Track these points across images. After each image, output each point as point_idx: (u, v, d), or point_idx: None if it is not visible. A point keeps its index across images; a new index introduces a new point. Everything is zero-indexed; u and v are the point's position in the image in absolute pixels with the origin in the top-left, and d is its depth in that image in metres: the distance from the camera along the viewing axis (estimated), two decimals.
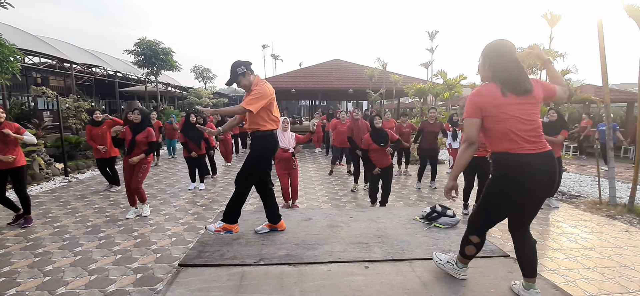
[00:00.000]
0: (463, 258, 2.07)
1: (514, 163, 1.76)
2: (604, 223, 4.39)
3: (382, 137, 4.27)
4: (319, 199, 5.55)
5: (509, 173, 1.79)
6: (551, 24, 8.07)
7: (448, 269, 2.13)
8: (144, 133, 4.28)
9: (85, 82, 16.26)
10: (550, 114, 4.85)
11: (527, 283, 1.93)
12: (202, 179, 6.27)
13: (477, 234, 1.98)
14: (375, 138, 4.26)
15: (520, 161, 1.75)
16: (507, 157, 1.78)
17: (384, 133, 4.30)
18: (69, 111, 9.78)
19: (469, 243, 2.01)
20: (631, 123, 12.11)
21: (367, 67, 15.27)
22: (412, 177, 7.41)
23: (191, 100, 19.78)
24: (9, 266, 3.09)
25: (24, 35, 12.22)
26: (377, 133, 4.29)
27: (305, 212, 3.55)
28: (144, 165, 4.33)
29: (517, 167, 1.75)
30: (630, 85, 20.60)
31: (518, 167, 1.75)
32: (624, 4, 4.81)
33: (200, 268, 2.29)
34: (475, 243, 1.99)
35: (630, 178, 5.94)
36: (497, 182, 1.86)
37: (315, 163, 9.28)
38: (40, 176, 6.69)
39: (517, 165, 1.75)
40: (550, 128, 4.67)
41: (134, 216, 4.46)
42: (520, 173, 1.75)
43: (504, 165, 1.81)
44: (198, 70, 31.58)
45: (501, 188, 1.83)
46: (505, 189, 1.82)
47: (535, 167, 1.74)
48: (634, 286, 2.81)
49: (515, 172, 1.76)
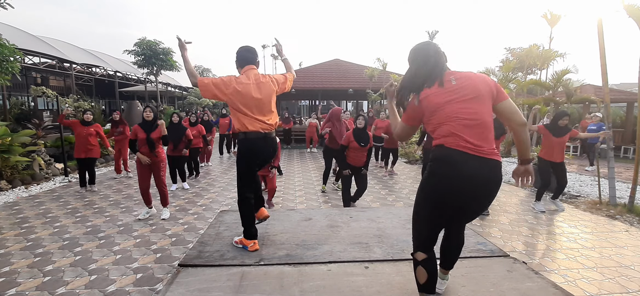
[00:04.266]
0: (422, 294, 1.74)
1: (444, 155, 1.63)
2: (604, 223, 4.39)
3: (364, 137, 4.28)
4: (319, 199, 5.55)
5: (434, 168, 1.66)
6: (551, 23, 8.07)
7: None
8: (158, 131, 4.25)
9: (85, 82, 16.27)
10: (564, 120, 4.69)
11: (442, 273, 1.96)
12: (183, 179, 6.22)
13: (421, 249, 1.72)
14: (357, 138, 4.27)
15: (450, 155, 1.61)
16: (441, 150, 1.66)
17: (366, 134, 4.31)
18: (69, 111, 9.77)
19: (416, 264, 1.72)
20: (631, 123, 12.12)
21: (367, 67, 15.28)
22: (412, 177, 7.41)
23: (191, 100, 19.80)
24: (9, 266, 3.09)
25: (24, 35, 12.23)
26: (359, 132, 4.29)
27: (305, 212, 3.54)
28: (161, 162, 4.30)
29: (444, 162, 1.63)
30: (630, 85, 20.59)
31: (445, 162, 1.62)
32: (624, 4, 4.82)
33: (200, 268, 2.29)
34: (422, 261, 1.70)
35: (630, 178, 5.94)
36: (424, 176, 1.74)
37: (315, 163, 9.28)
38: (40, 176, 6.69)
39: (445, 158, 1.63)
40: (560, 131, 4.63)
41: (146, 216, 4.41)
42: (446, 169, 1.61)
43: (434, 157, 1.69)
44: (198, 70, 31.61)
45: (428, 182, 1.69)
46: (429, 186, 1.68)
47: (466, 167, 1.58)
48: (634, 286, 2.81)
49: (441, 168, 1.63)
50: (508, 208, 5.04)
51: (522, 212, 4.87)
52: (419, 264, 1.72)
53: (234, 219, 3.29)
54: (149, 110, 4.31)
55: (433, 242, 1.74)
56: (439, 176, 1.63)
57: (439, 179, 1.63)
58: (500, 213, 4.77)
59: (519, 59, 11.89)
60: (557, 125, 4.64)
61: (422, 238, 1.74)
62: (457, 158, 1.57)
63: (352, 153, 4.34)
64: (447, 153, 1.60)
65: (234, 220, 3.25)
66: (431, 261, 1.71)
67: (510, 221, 4.42)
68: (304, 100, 30.76)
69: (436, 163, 1.65)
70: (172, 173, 6.13)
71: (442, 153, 1.62)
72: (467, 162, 1.56)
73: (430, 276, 1.70)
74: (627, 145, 11.21)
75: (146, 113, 4.28)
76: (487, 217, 4.55)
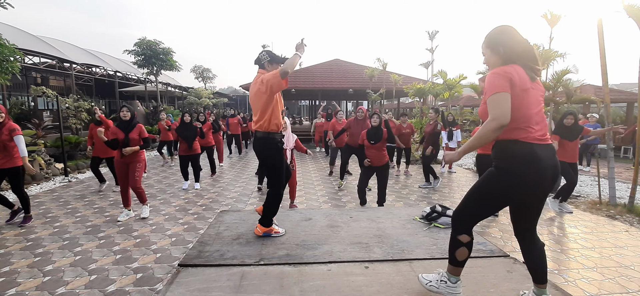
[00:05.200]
0: (454, 267, 1.86)
1: (525, 153, 1.61)
2: (604, 223, 4.39)
3: (374, 135, 4.37)
4: (319, 199, 5.55)
5: (516, 164, 1.64)
6: (551, 24, 8.07)
7: (442, 290, 1.89)
8: (137, 130, 4.22)
9: (85, 82, 16.26)
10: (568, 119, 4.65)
11: (539, 289, 1.84)
12: (197, 178, 6.26)
13: (466, 232, 1.81)
14: (368, 135, 4.39)
15: (532, 151, 1.61)
16: (517, 146, 1.63)
17: (379, 131, 4.39)
18: (69, 111, 9.78)
19: (459, 245, 1.81)
20: (631, 123, 12.12)
21: (367, 67, 15.27)
22: (412, 177, 7.41)
23: (191, 100, 19.78)
24: (9, 266, 3.09)
25: (24, 35, 12.23)
26: (371, 130, 4.41)
27: (305, 212, 3.54)
28: (139, 162, 4.26)
29: (527, 158, 1.61)
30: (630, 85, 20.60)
31: (528, 158, 1.61)
32: (624, 4, 4.81)
33: (200, 268, 2.29)
34: (466, 243, 1.81)
35: (630, 178, 5.94)
36: (501, 172, 1.69)
37: (315, 163, 9.28)
38: (40, 176, 6.69)
39: (527, 155, 1.61)
40: (570, 133, 4.59)
41: (126, 218, 4.37)
42: (528, 164, 1.61)
43: (511, 154, 1.65)
44: (198, 70, 31.58)
45: (505, 179, 1.67)
46: (509, 181, 1.66)
47: (544, 159, 1.62)
48: (634, 286, 2.81)
49: (524, 163, 1.61)
50: (508, 208, 5.03)
51: None
52: (463, 245, 1.81)
53: (234, 219, 3.29)
54: (126, 110, 4.29)
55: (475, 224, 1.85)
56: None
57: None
58: (500, 213, 4.77)
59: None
60: (565, 126, 4.60)
61: (472, 223, 1.83)
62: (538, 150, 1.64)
63: (368, 152, 4.45)
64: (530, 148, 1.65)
65: (234, 220, 3.25)
66: (472, 242, 1.84)
67: (510, 221, 4.42)
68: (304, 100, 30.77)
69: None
70: (183, 172, 6.16)
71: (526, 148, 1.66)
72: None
73: (469, 255, 1.85)
74: (627, 145, 11.22)
75: (123, 113, 4.25)
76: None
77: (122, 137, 4.17)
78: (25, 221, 4.15)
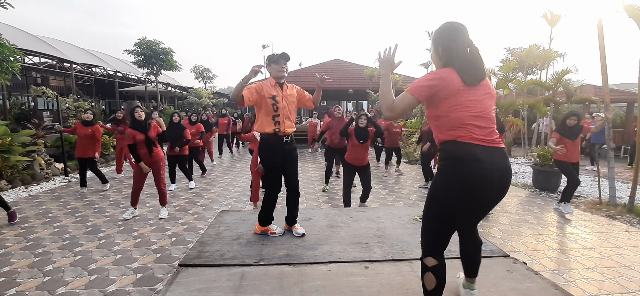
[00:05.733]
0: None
1: (464, 152, 1.54)
2: (604, 223, 4.39)
3: (363, 134, 4.42)
4: (319, 199, 5.54)
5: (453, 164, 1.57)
6: (551, 24, 8.07)
7: None
8: (154, 129, 4.23)
9: (85, 82, 16.27)
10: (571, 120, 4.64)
11: (468, 282, 1.90)
12: (189, 177, 6.24)
13: (430, 254, 1.64)
14: (357, 134, 4.43)
15: (470, 151, 1.53)
16: (456, 146, 1.57)
17: (366, 131, 4.44)
18: (69, 111, 9.78)
19: (425, 270, 1.64)
20: (631, 123, 12.12)
21: (367, 67, 15.29)
22: (411, 177, 7.41)
23: (191, 100, 19.79)
24: (9, 266, 3.09)
25: (24, 35, 12.23)
26: (360, 130, 4.45)
27: (305, 212, 3.54)
28: (161, 161, 4.29)
29: (466, 158, 1.54)
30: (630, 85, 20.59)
31: (467, 158, 1.53)
32: (624, 4, 4.82)
33: (200, 268, 2.29)
34: (432, 267, 1.62)
35: (630, 178, 5.94)
36: (439, 174, 1.63)
37: (315, 163, 9.28)
38: (40, 176, 6.69)
39: (466, 154, 1.54)
40: (571, 133, 4.61)
41: (131, 216, 4.39)
42: (465, 164, 1.53)
43: (451, 155, 1.58)
44: (198, 70, 31.60)
45: (443, 180, 1.60)
46: (446, 181, 1.58)
47: (485, 161, 1.52)
48: (634, 286, 2.81)
49: (463, 163, 1.54)
50: (508, 208, 5.04)
51: (522, 212, 4.87)
52: (429, 270, 1.63)
53: (234, 219, 3.29)
54: (140, 110, 4.25)
55: (445, 246, 1.65)
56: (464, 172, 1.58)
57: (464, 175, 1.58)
58: (500, 213, 4.77)
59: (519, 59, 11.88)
60: (567, 126, 4.62)
61: (434, 242, 1.66)
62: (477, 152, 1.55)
63: (352, 149, 4.45)
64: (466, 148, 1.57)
65: (234, 220, 3.25)
66: (441, 268, 1.63)
67: (510, 221, 4.42)
68: None
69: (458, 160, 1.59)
70: (171, 173, 6.13)
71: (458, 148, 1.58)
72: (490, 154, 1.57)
73: (439, 283, 1.62)
74: (627, 145, 11.21)
75: (138, 114, 4.20)
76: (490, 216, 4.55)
77: (142, 138, 4.14)
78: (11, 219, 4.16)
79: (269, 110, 2.72)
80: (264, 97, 2.70)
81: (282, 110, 2.75)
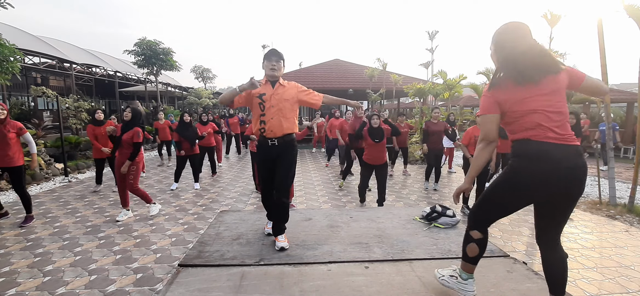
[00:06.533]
0: (467, 263, 1.86)
1: (534, 150, 1.59)
2: (604, 223, 4.39)
3: (377, 133, 4.49)
4: (319, 199, 5.55)
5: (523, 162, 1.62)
6: (551, 24, 8.07)
7: (453, 285, 1.90)
8: (130, 133, 4.16)
9: (85, 82, 16.26)
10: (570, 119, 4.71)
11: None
12: (196, 178, 6.27)
13: (478, 229, 1.79)
14: (371, 134, 4.50)
15: (541, 149, 1.57)
16: (528, 145, 1.61)
17: (380, 130, 4.51)
18: (69, 111, 9.78)
19: (470, 240, 1.81)
20: (631, 123, 12.12)
21: (367, 67, 15.28)
22: (411, 177, 7.41)
23: (191, 100, 19.79)
24: (9, 266, 3.09)
25: (24, 35, 12.24)
26: (373, 130, 4.51)
27: (305, 212, 3.54)
28: (132, 165, 4.21)
29: (534, 156, 1.58)
30: (630, 85, 20.60)
31: (536, 156, 1.58)
32: (624, 4, 4.82)
33: (200, 268, 2.28)
34: (477, 240, 1.79)
35: (630, 178, 5.94)
36: (510, 169, 1.68)
37: (315, 163, 9.28)
38: (40, 176, 6.69)
39: (536, 153, 1.58)
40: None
41: (124, 218, 4.36)
42: (534, 162, 1.58)
43: (520, 153, 1.64)
44: (198, 70, 31.61)
45: (512, 177, 1.66)
46: (515, 178, 1.65)
47: (556, 158, 1.55)
48: (634, 286, 2.81)
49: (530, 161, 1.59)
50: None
51: (522, 212, 4.87)
52: (474, 241, 1.80)
53: (234, 219, 3.29)
54: (128, 111, 4.25)
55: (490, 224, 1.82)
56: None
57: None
58: None
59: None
60: None
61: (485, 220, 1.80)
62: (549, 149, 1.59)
63: (368, 149, 4.57)
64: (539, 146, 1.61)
65: (234, 220, 3.25)
66: (485, 240, 1.82)
67: (510, 221, 4.42)
68: None
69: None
70: (178, 173, 6.16)
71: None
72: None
73: (480, 252, 1.81)
74: (627, 145, 11.21)
75: (125, 114, 4.25)
76: None
77: (118, 135, 4.22)
78: (26, 221, 4.15)
79: (256, 109, 2.65)
80: (253, 96, 2.62)
81: (268, 110, 2.57)
